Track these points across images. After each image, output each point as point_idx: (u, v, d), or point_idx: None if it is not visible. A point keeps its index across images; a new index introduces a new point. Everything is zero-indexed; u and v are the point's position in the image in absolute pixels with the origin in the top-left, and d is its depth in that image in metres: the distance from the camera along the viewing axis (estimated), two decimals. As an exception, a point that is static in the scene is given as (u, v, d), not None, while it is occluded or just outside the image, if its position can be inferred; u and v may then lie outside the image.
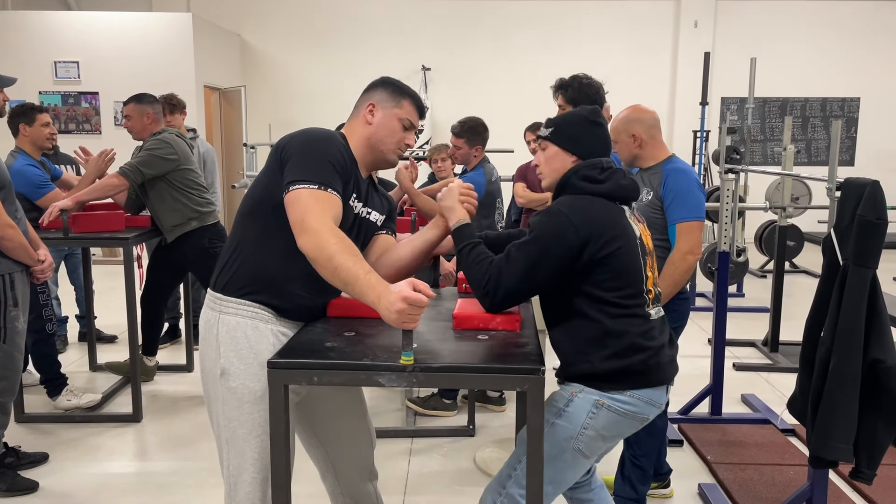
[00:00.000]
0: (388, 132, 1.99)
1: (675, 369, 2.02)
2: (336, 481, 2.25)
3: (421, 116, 2.06)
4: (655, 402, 1.94)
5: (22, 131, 4.11)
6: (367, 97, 2.04)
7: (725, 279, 3.85)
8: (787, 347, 5.03)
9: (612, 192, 1.93)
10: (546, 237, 1.83)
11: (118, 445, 3.60)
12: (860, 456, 2.31)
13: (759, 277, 7.86)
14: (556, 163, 2.02)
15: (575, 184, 1.94)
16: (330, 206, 1.80)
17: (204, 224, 4.04)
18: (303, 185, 1.79)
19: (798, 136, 10.49)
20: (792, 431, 3.75)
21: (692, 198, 2.68)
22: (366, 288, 1.68)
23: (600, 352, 1.87)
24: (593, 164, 1.96)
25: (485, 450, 3.50)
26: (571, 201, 1.90)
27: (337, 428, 2.21)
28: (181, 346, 5.17)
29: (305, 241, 1.75)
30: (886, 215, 2.25)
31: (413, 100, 2.03)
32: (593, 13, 10.29)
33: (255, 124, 10.02)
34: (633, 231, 1.94)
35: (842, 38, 10.31)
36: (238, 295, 1.91)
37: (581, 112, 2.05)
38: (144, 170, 3.86)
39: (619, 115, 2.84)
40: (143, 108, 4.06)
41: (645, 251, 1.97)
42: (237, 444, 1.92)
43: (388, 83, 2.05)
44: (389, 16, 10.29)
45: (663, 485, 3.09)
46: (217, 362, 1.92)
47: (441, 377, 1.70)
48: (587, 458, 1.94)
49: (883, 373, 2.25)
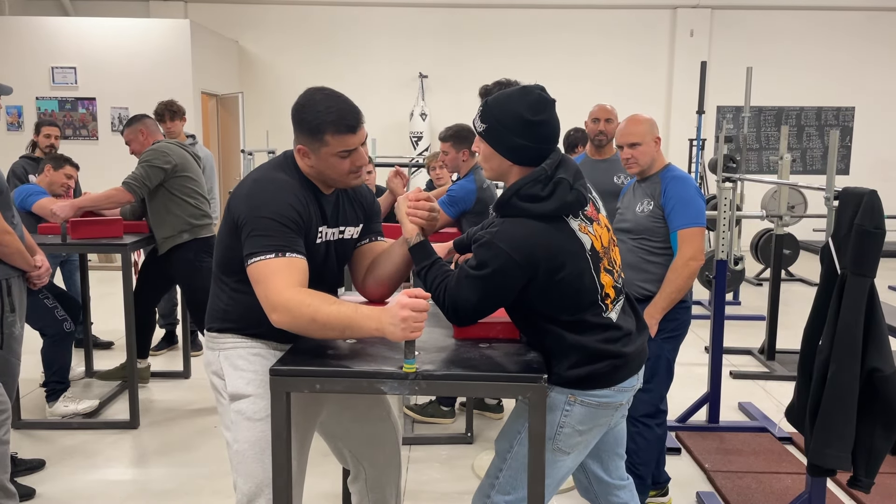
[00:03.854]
0: (332, 170, 1.89)
1: (644, 355, 1.99)
2: (365, 485, 2.28)
3: (353, 130, 1.84)
4: (626, 388, 1.93)
5: (46, 171, 4.29)
6: (295, 134, 1.90)
7: (723, 287, 3.86)
8: (784, 356, 5.04)
9: (557, 211, 1.80)
10: (491, 276, 1.77)
11: (115, 452, 3.59)
12: (858, 464, 2.32)
13: (755, 285, 7.88)
14: (493, 163, 1.88)
15: (516, 205, 1.80)
16: (292, 272, 1.77)
17: (196, 237, 4.03)
18: (260, 257, 1.78)
19: (793, 144, 10.54)
20: (789, 440, 3.75)
21: (693, 205, 2.71)
22: (363, 320, 1.69)
23: (564, 362, 1.86)
24: (536, 179, 1.80)
25: (482, 457, 3.49)
26: (512, 231, 1.78)
27: (361, 433, 2.22)
28: (178, 352, 5.16)
29: (278, 320, 1.75)
30: (884, 224, 2.27)
31: (334, 127, 1.82)
32: (590, 22, 10.33)
33: (252, 131, 10.02)
34: (582, 244, 1.84)
35: (837, 48, 10.38)
36: (233, 333, 1.97)
37: (517, 107, 1.81)
38: (148, 182, 3.89)
39: (637, 120, 2.82)
40: (136, 128, 4.13)
41: (598, 258, 1.88)
42: (248, 468, 1.94)
43: (304, 116, 1.85)
44: (387, 24, 10.32)
45: (661, 493, 3.09)
46: (225, 392, 1.98)
47: (443, 385, 1.70)
48: (567, 454, 1.93)
49: (881, 381, 2.26)
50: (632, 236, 2.82)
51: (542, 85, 1.89)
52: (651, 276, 2.77)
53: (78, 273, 4.76)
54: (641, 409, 2.77)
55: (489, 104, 1.86)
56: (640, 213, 2.79)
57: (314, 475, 2.35)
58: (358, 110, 1.87)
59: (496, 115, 1.83)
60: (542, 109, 1.82)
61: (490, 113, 1.85)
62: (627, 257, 2.78)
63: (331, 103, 1.84)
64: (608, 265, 1.92)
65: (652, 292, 2.75)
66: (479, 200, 3.79)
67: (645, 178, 2.84)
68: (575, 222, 1.84)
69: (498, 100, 1.85)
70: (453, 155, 3.96)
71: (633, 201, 2.87)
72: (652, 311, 2.70)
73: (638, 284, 2.78)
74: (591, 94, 10.17)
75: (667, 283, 2.69)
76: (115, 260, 8.34)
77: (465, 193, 3.70)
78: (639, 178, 2.87)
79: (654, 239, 2.76)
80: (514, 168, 1.86)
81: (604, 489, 2.16)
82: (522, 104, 1.81)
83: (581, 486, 2.20)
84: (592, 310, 1.86)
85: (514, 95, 1.84)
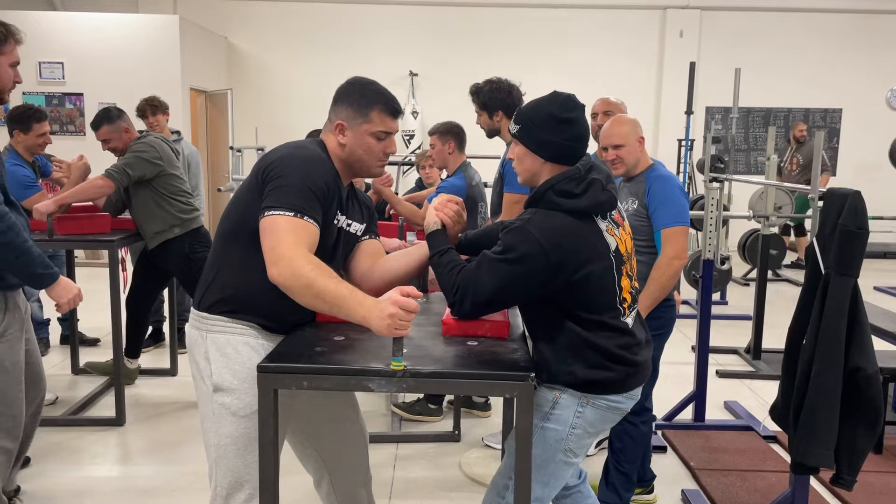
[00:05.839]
0: (364, 150, 1.94)
1: (650, 367, 2.03)
2: (331, 487, 2.25)
3: (395, 116, 1.95)
4: (634, 396, 1.98)
5: (16, 136, 4.15)
6: (334, 111, 1.96)
7: (710, 287, 3.88)
8: (770, 355, 5.08)
9: (589, 209, 1.86)
10: (516, 261, 1.78)
11: (101, 449, 3.57)
12: (841, 462, 2.34)
13: (741, 285, 7.93)
14: (527, 163, 1.94)
15: (550, 199, 1.85)
16: (305, 235, 1.77)
17: (186, 230, 4.01)
18: (278, 211, 1.77)
19: (781, 145, 10.60)
20: (774, 438, 3.79)
21: (676, 204, 2.73)
22: (354, 304, 1.69)
23: (579, 362, 1.88)
24: (571, 176, 1.86)
25: (470, 455, 3.50)
26: (543, 221, 1.82)
27: (331, 433, 2.20)
28: (165, 349, 5.13)
29: (277, 273, 1.73)
30: (867, 225, 2.29)
31: (383, 105, 1.93)
32: (580, 22, 10.35)
33: (241, 127, 9.97)
34: (608, 245, 1.88)
35: (825, 51, 10.45)
36: (223, 314, 1.91)
37: (548, 107, 1.91)
38: (131, 172, 3.82)
39: (621, 121, 2.84)
40: (118, 124, 4.00)
41: (622, 261, 1.93)
42: (229, 463, 1.91)
43: (353, 93, 1.94)
44: (377, 21, 10.30)
45: (647, 491, 3.12)
46: (209, 379, 1.92)
47: (431, 383, 1.71)
48: (576, 456, 1.96)
49: (863, 380, 2.29)
50: (618, 235, 2.84)
51: (572, 93, 1.96)
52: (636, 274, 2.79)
53: (65, 269, 4.73)
54: (628, 408, 2.79)
55: (522, 108, 1.97)
56: (625, 212, 2.81)
57: (305, 472, 2.34)
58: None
59: (528, 115, 1.93)
60: (572, 108, 1.91)
61: (523, 114, 1.95)
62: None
63: (381, 88, 1.97)
64: (629, 270, 1.97)
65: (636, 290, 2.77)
66: (469, 197, 3.81)
67: (630, 178, 2.86)
68: (603, 223, 1.90)
69: (530, 103, 1.97)
70: (439, 147, 3.99)
71: (618, 200, 2.89)
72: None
73: (624, 283, 2.80)
74: (581, 93, 10.04)
75: (651, 281, 2.71)
76: (102, 256, 8.29)
77: (454, 190, 3.72)
78: (624, 179, 2.89)
79: (640, 238, 2.77)
80: (546, 166, 1.92)
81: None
82: (553, 104, 1.92)
83: None
84: (611, 312, 1.89)
85: (546, 98, 1.95)
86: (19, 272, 2.35)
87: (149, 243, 4.01)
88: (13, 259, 2.29)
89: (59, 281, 2.47)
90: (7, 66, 2.40)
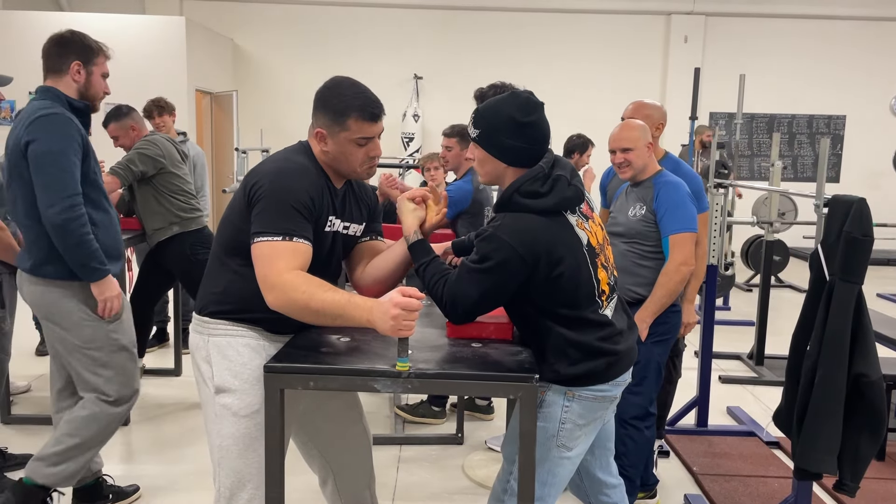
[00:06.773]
0: (346, 157, 1.92)
1: (635, 351, 2.04)
2: (336, 487, 2.27)
3: (374, 120, 1.89)
4: (621, 382, 1.99)
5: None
6: (314, 118, 1.93)
7: (713, 292, 3.89)
8: (773, 361, 5.08)
9: (557, 206, 1.86)
10: (494, 269, 1.80)
11: (106, 448, 3.55)
12: (844, 468, 2.34)
13: (744, 291, 7.93)
14: (488, 167, 1.93)
15: (518, 202, 1.85)
16: (295, 257, 1.79)
17: (187, 230, 4.02)
18: (266, 237, 1.78)
19: (785, 152, 10.61)
20: (777, 444, 3.79)
21: (684, 210, 2.73)
22: (355, 311, 1.71)
23: (562, 360, 1.89)
24: (535, 176, 1.85)
25: (473, 458, 3.51)
26: (514, 224, 1.82)
27: (335, 434, 2.21)
28: (169, 349, 5.15)
29: (273, 300, 1.77)
30: (872, 232, 2.30)
31: (359, 113, 1.87)
32: (585, 27, 10.37)
33: (246, 129, 10.00)
34: (580, 239, 1.90)
35: (829, 57, 10.46)
36: (225, 318, 1.93)
37: (507, 110, 1.86)
38: (133, 168, 3.87)
39: (630, 125, 2.83)
40: (125, 122, 4.07)
41: (595, 253, 1.93)
42: (231, 463, 1.92)
43: (330, 99, 1.89)
44: (382, 24, 10.33)
45: (650, 495, 3.12)
46: (210, 382, 1.94)
47: (436, 383, 1.72)
48: (570, 450, 1.96)
49: (867, 387, 2.29)
50: (624, 240, 2.84)
51: (531, 90, 1.94)
52: (642, 279, 2.80)
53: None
54: (631, 412, 2.79)
55: (480, 110, 1.92)
56: (633, 217, 2.82)
57: (310, 471, 2.35)
58: (381, 103, 1.93)
59: (488, 119, 1.89)
60: (532, 111, 1.88)
61: (482, 118, 1.91)
62: (619, 261, 2.80)
63: (358, 90, 1.91)
64: (604, 261, 1.97)
65: (643, 296, 2.77)
66: (475, 201, 3.81)
67: (638, 183, 2.86)
68: (573, 218, 1.90)
69: (488, 105, 1.91)
70: (457, 152, 3.93)
71: (625, 205, 2.89)
72: (643, 314, 2.72)
73: (629, 288, 2.80)
74: (586, 98, 10.25)
75: (658, 287, 2.72)
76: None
77: (462, 194, 3.71)
78: (632, 183, 2.90)
79: (646, 243, 2.78)
80: (508, 170, 1.91)
81: (595, 487, 2.18)
82: (512, 107, 1.87)
83: (573, 484, 2.23)
84: (590, 306, 1.90)
85: (504, 100, 1.90)
86: (73, 259, 2.48)
87: (149, 241, 4.04)
88: (72, 246, 2.44)
89: (106, 279, 2.57)
90: (99, 76, 2.79)
